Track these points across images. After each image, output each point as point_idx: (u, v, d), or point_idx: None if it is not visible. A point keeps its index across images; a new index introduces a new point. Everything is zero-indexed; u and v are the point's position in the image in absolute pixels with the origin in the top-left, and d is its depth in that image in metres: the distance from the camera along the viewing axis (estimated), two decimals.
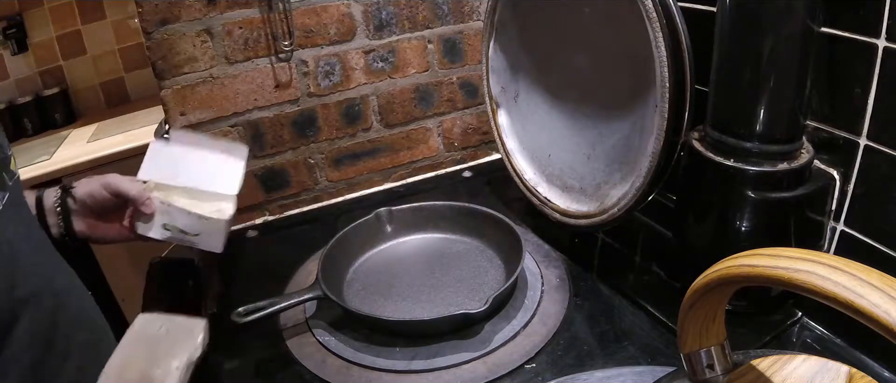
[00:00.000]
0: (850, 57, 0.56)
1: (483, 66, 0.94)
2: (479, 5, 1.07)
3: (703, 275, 0.35)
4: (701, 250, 0.69)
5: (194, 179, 0.70)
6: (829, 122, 0.61)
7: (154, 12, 0.87)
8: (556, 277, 0.79)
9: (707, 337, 0.39)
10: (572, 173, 0.87)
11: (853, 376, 0.39)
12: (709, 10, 0.64)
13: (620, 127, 0.80)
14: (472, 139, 1.18)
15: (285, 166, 1.05)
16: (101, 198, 0.66)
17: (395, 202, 0.91)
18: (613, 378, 0.61)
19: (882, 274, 0.27)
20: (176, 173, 0.69)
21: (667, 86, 0.63)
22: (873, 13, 0.53)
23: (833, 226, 0.63)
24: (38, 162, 1.68)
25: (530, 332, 0.70)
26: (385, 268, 0.84)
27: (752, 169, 0.60)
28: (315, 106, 1.03)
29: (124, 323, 0.50)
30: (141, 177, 0.69)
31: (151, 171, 0.69)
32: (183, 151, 0.72)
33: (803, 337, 0.65)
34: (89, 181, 0.66)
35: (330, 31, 0.98)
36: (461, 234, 0.88)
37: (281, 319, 0.76)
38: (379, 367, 0.67)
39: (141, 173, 0.69)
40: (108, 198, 0.66)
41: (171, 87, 0.92)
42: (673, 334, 0.67)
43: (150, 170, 0.69)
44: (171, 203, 0.68)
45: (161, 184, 0.69)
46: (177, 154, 0.71)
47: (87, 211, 0.66)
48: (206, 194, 0.70)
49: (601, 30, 0.78)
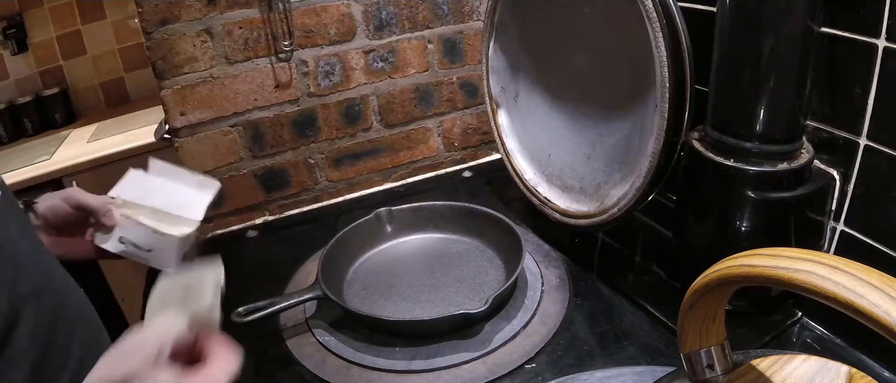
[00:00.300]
0: (850, 57, 0.56)
1: (483, 66, 0.94)
2: (479, 5, 1.07)
3: (703, 275, 0.35)
4: (701, 250, 0.69)
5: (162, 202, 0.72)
6: (829, 122, 0.61)
7: (154, 12, 0.87)
8: (556, 277, 0.79)
9: (707, 337, 0.39)
10: (572, 173, 0.87)
11: (853, 376, 0.39)
12: (709, 10, 0.64)
13: (620, 127, 0.80)
14: (472, 139, 1.18)
15: (285, 166, 1.05)
16: (64, 213, 0.66)
17: (395, 202, 0.91)
18: (613, 378, 0.61)
19: (882, 274, 0.27)
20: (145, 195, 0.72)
21: (667, 86, 0.63)
22: (873, 13, 0.53)
23: (833, 226, 0.63)
24: (38, 162, 1.68)
25: (530, 332, 0.70)
26: (385, 268, 0.84)
27: (752, 169, 0.60)
28: (315, 106, 1.03)
29: (124, 323, 0.51)
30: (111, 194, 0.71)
31: (122, 190, 0.72)
32: (157, 180, 0.75)
33: (803, 337, 0.65)
34: (51, 196, 0.67)
35: (330, 31, 0.98)
36: (461, 234, 0.89)
37: (281, 319, 0.76)
38: (379, 367, 0.67)
39: (113, 191, 0.72)
40: (71, 213, 0.66)
41: (171, 86, 0.92)
42: (673, 334, 0.67)
43: (121, 190, 0.72)
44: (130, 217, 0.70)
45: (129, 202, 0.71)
46: (151, 181, 0.75)
47: (48, 226, 0.66)
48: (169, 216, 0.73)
49: (601, 30, 0.78)
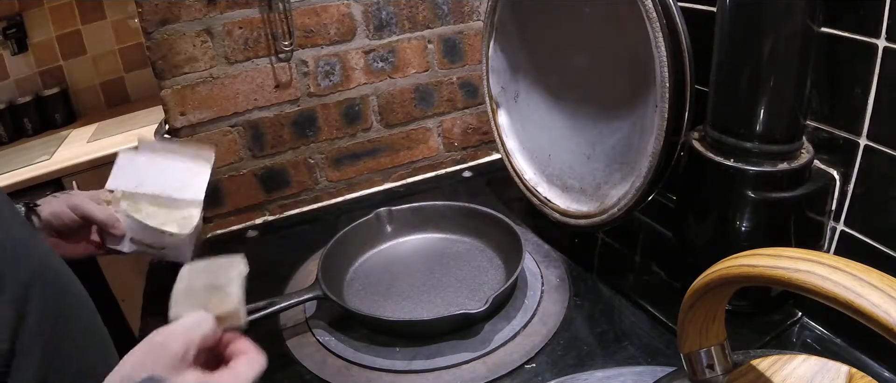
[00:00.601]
0: (850, 57, 0.56)
1: (483, 66, 0.94)
2: (479, 5, 1.07)
3: (703, 275, 0.35)
4: (701, 250, 0.69)
5: (160, 186, 0.71)
6: (829, 122, 0.61)
7: (154, 12, 0.87)
8: (556, 277, 0.79)
9: (707, 337, 0.39)
10: (572, 173, 0.87)
11: (853, 376, 0.39)
12: (709, 10, 0.64)
13: (620, 127, 0.80)
14: (472, 139, 1.18)
15: (285, 166, 1.05)
16: (68, 220, 0.67)
17: (395, 202, 0.91)
18: (613, 378, 0.61)
19: (882, 274, 0.27)
20: (142, 182, 0.71)
21: (667, 86, 0.63)
22: (873, 13, 0.53)
23: (833, 226, 0.63)
24: (38, 162, 1.68)
25: (530, 332, 0.70)
26: (385, 268, 0.84)
27: (752, 169, 0.60)
28: (315, 106, 1.03)
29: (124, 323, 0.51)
30: (108, 187, 0.70)
31: (118, 181, 0.71)
32: (150, 160, 0.74)
33: (803, 337, 0.65)
34: (54, 201, 0.67)
35: (330, 31, 0.98)
36: (461, 234, 0.89)
37: (281, 319, 0.76)
38: (379, 367, 0.67)
39: (109, 183, 0.71)
40: (75, 220, 0.67)
41: (171, 86, 0.92)
42: (673, 334, 0.67)
43: (117, 180, 0.71)
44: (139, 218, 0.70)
45: (128, 192, 0.70)
46: (144, 163, 0.73)
47: (51, 230, 0.67)
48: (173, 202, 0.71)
49: (601, 30, 0.78)
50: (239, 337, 0.48)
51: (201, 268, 0.53)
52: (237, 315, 0.49)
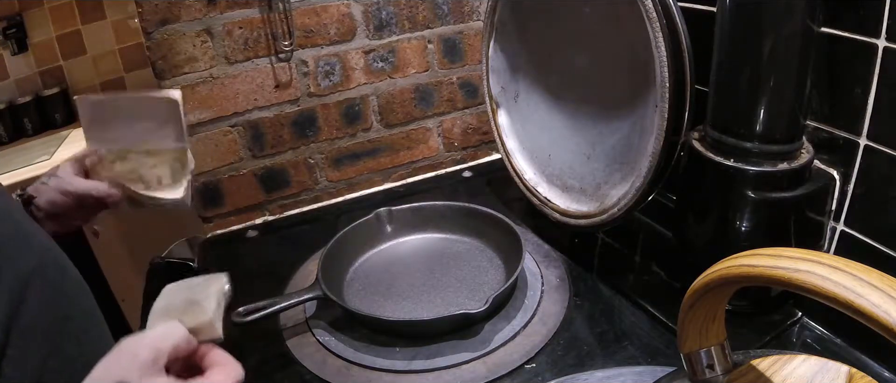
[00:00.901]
0: (850, 57, 0.56)
1: (483, 66, 0.94)
2: (479, 5, 1.07)
3: (703, 275, 0.35)
4: (701, 250, 0.69)
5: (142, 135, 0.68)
6: (829, 122, 0.61)
7: (154, 12, 0.87)
8: (556, 277, 0.79)
9: (707, 337, 0.39)
10: (572, 173, 0.87)
11: (853, 376, 0.39)
12: (709, 10, 0.64)
13: (620, 127, 0.80)
14: (472, 139, 1.18)
15: (285, 166, 1.05)
16: (63, 204, 0.66)
17: (395, 202, 0.91)
18: (613, 378, 0.61)
19: (882, 274, 0.27)
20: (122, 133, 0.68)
21: (667, 86, 0.63)
22: (873, 13, 0.53)
23: (833, 226, 0.63)
24: (38, 162, 1.68)
25: (530, 332, 0.70)
26: (385, 268, 0.84)
27: (752, 169, 0.60)
28: (315, 106, 1.03)
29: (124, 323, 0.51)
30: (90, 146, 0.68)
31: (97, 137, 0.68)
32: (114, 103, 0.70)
33: (803, 337, 0.65)
34: (44, 190, 0.66)
35: (330, 31, 0.98)
36: (461, 234, 0.89)
37: (281, 319, 0.76)
38: (379, 367, 0.67)
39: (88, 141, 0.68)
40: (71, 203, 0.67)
41: (171, 86, 0.92)
42: (673, 334, 0.67)
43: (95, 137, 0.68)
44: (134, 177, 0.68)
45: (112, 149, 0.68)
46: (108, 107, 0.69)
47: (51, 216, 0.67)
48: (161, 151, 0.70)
49: (601, 30, 0.78)
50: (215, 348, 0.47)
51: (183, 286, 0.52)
52: (211, 327, 0.48)
